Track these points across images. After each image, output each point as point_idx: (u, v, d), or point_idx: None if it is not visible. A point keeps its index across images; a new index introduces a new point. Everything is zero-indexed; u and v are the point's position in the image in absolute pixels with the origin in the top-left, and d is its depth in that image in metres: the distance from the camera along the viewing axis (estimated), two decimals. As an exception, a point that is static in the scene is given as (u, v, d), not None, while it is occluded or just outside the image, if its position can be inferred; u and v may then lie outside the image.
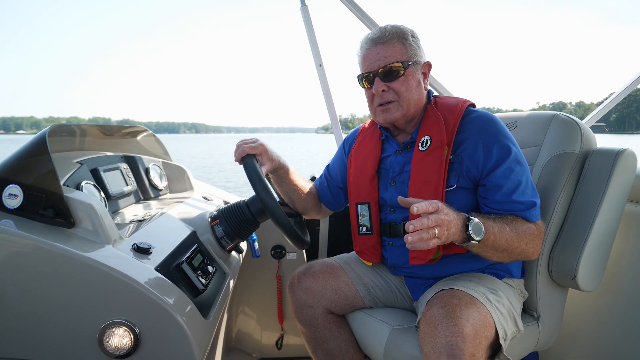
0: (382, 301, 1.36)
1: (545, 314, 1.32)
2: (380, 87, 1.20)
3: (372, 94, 1.23)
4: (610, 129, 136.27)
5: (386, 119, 1.24)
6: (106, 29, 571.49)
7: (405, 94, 1.20)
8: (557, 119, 1.36)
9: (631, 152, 1.29)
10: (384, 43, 1.20)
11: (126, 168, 1.53)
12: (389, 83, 1.20)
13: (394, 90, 1.21)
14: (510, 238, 1.07)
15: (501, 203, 1.14)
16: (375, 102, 1.25)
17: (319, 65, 2.07)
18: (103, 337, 0.89)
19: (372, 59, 1.21)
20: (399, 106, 1.22)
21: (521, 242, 1.10)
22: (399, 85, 1.20)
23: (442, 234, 0.94)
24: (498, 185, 1.14)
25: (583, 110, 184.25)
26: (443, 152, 1.16)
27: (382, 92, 1.21)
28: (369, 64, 1.22)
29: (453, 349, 0.94)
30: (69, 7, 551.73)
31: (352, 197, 1.36)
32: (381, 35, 1.21)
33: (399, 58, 1.20)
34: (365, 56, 1.23)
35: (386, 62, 1.19)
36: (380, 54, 1.20)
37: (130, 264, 0.94)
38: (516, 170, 1.14)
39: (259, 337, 1.96)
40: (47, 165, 0.99)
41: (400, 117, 1.23)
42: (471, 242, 1.01)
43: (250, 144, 1.24)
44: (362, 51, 1.25)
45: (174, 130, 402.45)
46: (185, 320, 0.93)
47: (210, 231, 1.31)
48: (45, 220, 0.98)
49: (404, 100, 1.21)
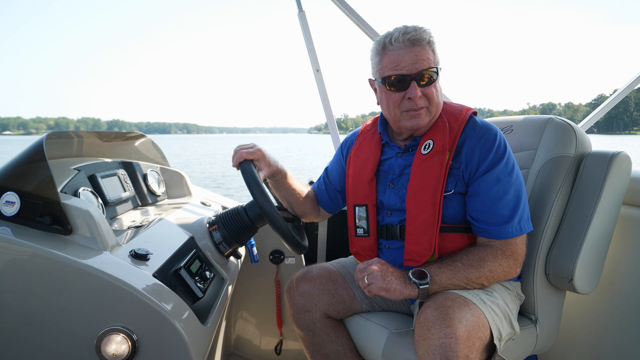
0: (379, 305, 1.36)
1: (543, 317, 1.32)
2: (419, 92, 1.14)
3: (402, 97, 1.17)
4: (599, 130, 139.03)
5: (415, 124, 1.19)
6: (96, 29, 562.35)
7: (436, 100, 1.18)
8: (553, 123, 1.37)
9: (625, 155, 1.30)
10: (420, 45, 1.14)
11: (124, 174, 1.53)
12: (423, 88, 1.15)
13: (426, 97, 1.16)
14: (465, 273, 1.10)
15: (481, 212, 1.14)
16: (405, 107, 1.18)
17: (317, 70, 2.08)
18: (101, 344, 0.89)
19: (409, 61, 1.13)
20: (428, 112, 1.19)
21: (483, 272, 1.11)
22: (432, 91, 1.16)
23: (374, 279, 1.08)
24: (481, 193, 1.14)
25: (572, 111, 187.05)
26: (444, 157, 1.16)
27: (419, 98, 1.15)
28: (405, 66, 1.14)
29: (447, 350, 0.94)
30: (57, 7, 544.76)
31: (350, 198, 1.36)
32: (418, 37, 1.14)
33: (434, 63, 1.16)
34: (400, 56, 1.14)
35: (424, 67, 1.14)
36: (419, 56, 1.13)
37: (127, 271, 0.94)
38: (503, 181, 1.13)
39: (258, 342, 1.95)
40: (44, 172, 0.99)
41: (427, 123, 1.20)
42: (423, 288, 1.08)
43: (247, 149, 1.25)
44: (394, 49, 1.15)
45: (165, 131, 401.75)
46: (183, 326, 0.93)
47: (208, 237, 1.31)
48: (43, 227, 0.98)
49: (434, 107, 1.19)
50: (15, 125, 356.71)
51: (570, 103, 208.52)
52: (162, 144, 1.86)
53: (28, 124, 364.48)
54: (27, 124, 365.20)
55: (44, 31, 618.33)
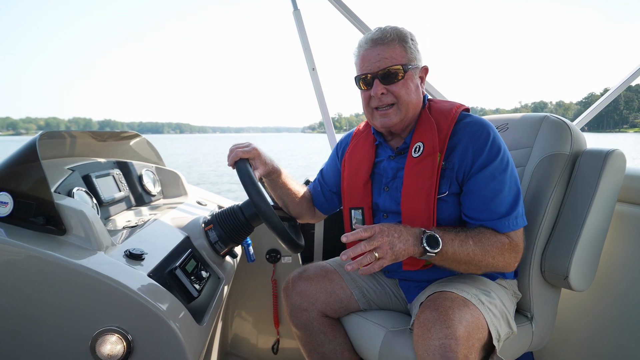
0: (376, 304, 1.37)
1: (539, 314, 1.33)
2: (380, 89, 1.17)
3: (370, 96, 1.20)
4: (590, 128, 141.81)
5: (384, 123, 1.21)
6: (87, 28, 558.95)
7: (405, 98, 1.18)
8: (548, 121, 1.38)
9: (620, 153, 1.31)
10: (384, 44, 1.17)
11: (119, 174, 1.52)
12: (388, 86, 1.17)
13: (392, 94, 1.18)
14: (473, 251, 1.07)
15: (476, 210, 1.13)
16: (373, 105, 1.21)
17: (312, 69, 2.08)
18: (95, 345, 0.89)
19: (372, 60, 1.17)
20: (397, 110, 1.19)
21: (487, 256, 1.09)
22: (398, 88, 1.17)
23: (385, 254, 0.97)
24: (476, 191, 1.13)
25: (563, 110, 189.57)
26: (435, 159, 1.15)
27: (381, 95, 1.18)
28: (368, 65, 1.18)
29: (446, 351, 0.94)
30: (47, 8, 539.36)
31: (345, 201, 1.35)
32: (382, 36, 1.17)
33: (400, 61, 1.17)
34: (365, 56, 1.19)
35: (386, 64, 1.16)
36: (381, 55, 1.16)
37: (122, 271, 0.93)
38: (498, 178, 1.12)
39: (255, 341, 1.95)
40: (38, 172, 0.98)
41: (398, 122, 1.21)
42: (428, 255, 1.03)
43: (243, 148, 1.24)
44: (361, 51, 1.21)
45: (157, 131, 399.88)
46: (179, 326, 0.92)
47: (204, 236, 1.31)
48: (36, 227, 0.97)
49: (403, 104, 1.19)
50: (5, 126, 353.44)
51: (562, 101, 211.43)
52: (158, 143, 1.85)
53: (17, 124, 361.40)
54: (17, 124, 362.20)
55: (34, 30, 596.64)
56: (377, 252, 0.97)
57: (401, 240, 1.00)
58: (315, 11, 2.98)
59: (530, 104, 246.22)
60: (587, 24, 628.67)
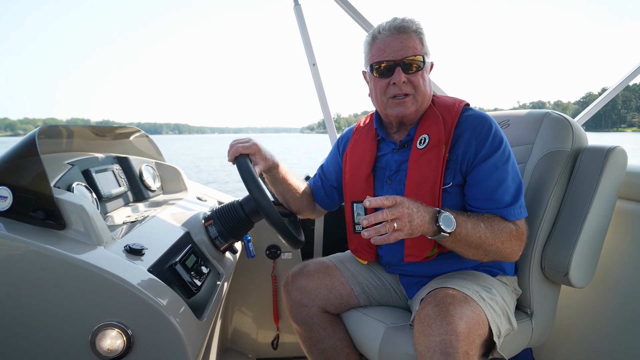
0: (376, 300, 1.37)
1: (539, 311, 1.33)
2: (402, 77, 1.16)
3: (387, 84, 1.20)
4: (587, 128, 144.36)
5: (400, 112, 1.21)
6: (85, 28, 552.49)
7: (422, 89, 1.19)
8: (549, 117, 1.37)
9: (621, 150, 1.31)
10: (407, 33, 1.17)
11: (118, 169, 1.52)
12: (408, 75, 1.17)
13: (412, 84, 1.18)
14: (484, 234, 1.07)
15: (481, 200, 1.14)
16: (390, 93, 1.20)
17: (313, 64, 2.07)
18: (95, 340, 0.88)
19: (395, 48, 1.16)
20: (414, 100, 1.20)
21: (496, 240, 1.09)
22: (417, 79, 1.18)
23: (403, 226, 0.95)
24: (480, 181, 1.14)
25: (561, 109, 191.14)
26: (440, 151, 1.16)
27: (402, 84, 1.17)
28: (390, 52, 1.17)
29: (447, 347, 0.94)
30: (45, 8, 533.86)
31: (347, 195, 1.36)
32: (405, 25, 1.17)
33: (420, 51, 1.18)
34: (386, 43, 1.17)
35: (409, 53, 1.16)
36: (404, 43, 1.16)
37: (122, 266, 0.93)
38: (501, 169, 1.13)
39: (255, 337, 1.95)
40: (37, 166, 0.98)
41: (414, 111, 1.21)
42: (442, 235, 1.01)
43: (243, 143, 1.24)
44: (381, 37, 1.19)
45: (156, 131, 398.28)
46: (179, 321, 0.92)
47: (204, 232, 1.30)
48: (36, 222, 0.97)
49: (420, 95, 1.20)
50: (2, 127, 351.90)
51: (560, 101, 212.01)
52: (158, 144, 1.84)
53: (16, 125, 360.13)
54: (15, 125, 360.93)
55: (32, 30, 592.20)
56: (396, 223, 0.95)
57: (419, 216, 0.99)
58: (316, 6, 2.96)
59: (528, 104, 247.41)
60: (585, 23, 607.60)
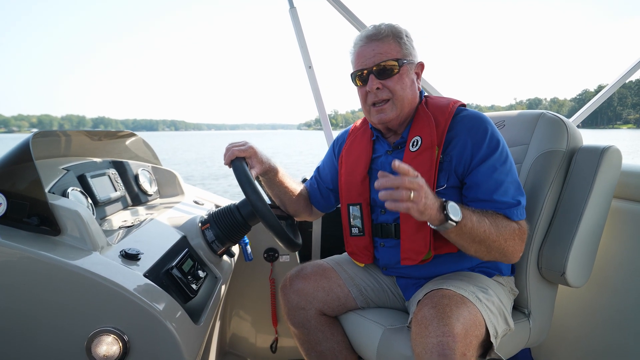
0: (374, 302, 1.36)
1: (536, 311, 1.33)
2: (375, 84, 1.19)
3: (366, 91, 1.22)
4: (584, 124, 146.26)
5: (381, 119, 1.22)
6: (80, 23, 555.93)
7: (400, 93, 1.20)
8: (544, 118, 1.38)
9: (616, 149, 1.31)
10: (379, 40, 1.19)
11: (114, 174, 1.51)
12: (383, 81, 1.19)
13: (388, 89, 1.19)
14: (488, 229, 1.06)
15: (482, 202, 1.14)
16: (369, 100, 1.23)
17: (309, 67, 2.07)
18: (91, 346, 0.88)
19: (367, 56, 1.19)
20: (393, 106, 1.21)
21: (500, 237, 1.08)
22: (393, 83, 1.19)
23: (418, 199, 0.94)
24: (479, 183, 1.14)
25: (558, 106, 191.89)
26: (433, 153, 1.16)
27: (377, 90, 1.19)
28: (363, 61, 1.20)
29: (444, 348, 0.94)
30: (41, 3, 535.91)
31: (343, 198, 1.35)
32: (376, 32, 1.20)
33: (394, 56, 1.18)
34: (360, 53, 1.21)
35: (381, 59, 1.18)
36: (376, 50, 1.18)
37: (118, 271, 0.92)
38: (500, 170, 1.13)
39: (253, 340, 1.95)
40: (31, 172, 0.97)
41: (394, 117, 1.22)
42: (449, 223, 1.00)
43: (239, 146, 1.24)
44: (356, 48, 1.23)
45: (152, 128, 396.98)
46: (175, 326, 0.92)
47: (200, 235, 1.30)
48: (30, 228, 0.96)
49: (398, 100, 1.20)
50: None
51: (556, 98, 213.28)
52: (154, 142, 1.84)
53: (9, 121, 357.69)
54: (9, 121, 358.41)
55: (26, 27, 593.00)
56: (413, 194, 0.93)
57: (431, 199, 0.98)
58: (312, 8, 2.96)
59: (525, 101, 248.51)
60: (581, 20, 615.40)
